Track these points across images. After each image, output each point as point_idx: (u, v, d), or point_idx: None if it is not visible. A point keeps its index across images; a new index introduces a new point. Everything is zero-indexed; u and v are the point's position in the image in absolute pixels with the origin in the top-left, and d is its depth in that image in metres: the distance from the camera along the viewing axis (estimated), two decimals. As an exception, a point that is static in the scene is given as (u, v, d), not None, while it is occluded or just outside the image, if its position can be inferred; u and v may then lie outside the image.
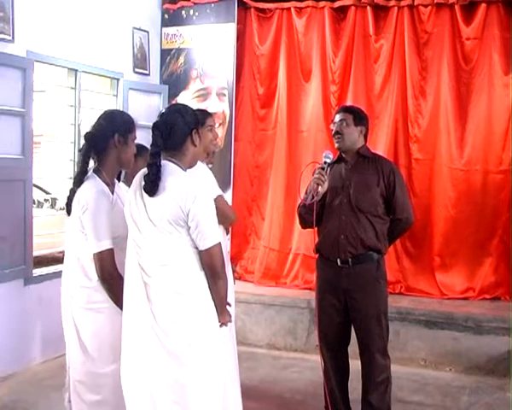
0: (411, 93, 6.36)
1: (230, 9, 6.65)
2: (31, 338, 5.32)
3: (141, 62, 6.64)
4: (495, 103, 6.12)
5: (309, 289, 6.09)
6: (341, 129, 3.91)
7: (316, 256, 4.05)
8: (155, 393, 2.74)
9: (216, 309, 2.79)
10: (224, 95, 6.70)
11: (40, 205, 8.30)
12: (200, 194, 2.70)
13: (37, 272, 5.41)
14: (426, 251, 6.35)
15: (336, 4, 6.52)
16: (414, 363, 5.51)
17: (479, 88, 6.17)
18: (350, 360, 4.04)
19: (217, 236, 2.73)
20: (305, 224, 4.02)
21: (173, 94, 6.82)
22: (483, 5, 6.09)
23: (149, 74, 6.78)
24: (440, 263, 6.29)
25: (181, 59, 6.88)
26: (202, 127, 3.56)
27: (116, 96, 6.33)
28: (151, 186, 2.69)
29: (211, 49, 6.73)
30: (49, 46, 5.43)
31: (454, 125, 6.26)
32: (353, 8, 6.47)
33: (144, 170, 2.77)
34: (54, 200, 8.31)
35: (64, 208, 3.22)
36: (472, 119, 6.22)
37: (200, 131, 2.90)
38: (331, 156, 3.88)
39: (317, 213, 3.79)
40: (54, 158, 7.87)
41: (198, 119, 2.92)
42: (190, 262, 2.72)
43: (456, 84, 6.24)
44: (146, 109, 6.46)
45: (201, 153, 3.24)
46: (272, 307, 6.09)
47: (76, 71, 5.79)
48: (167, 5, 6.92)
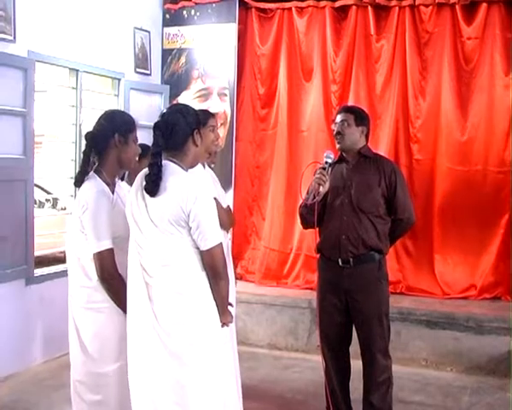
0: (412, 93, 6.36)
1: (232, 9, 6.64)
2: (32, 338, 5.31)
3: (142, 62, 6.63)
4: (496, 103, 6.11)
5: (310, 289, 6.08)
6: (342, 129, 3.89)
7: (317, 256, 4.04)
8: (156, 394, 2.74)
9: (217, 309, 2.79)
10: (226, 95, 6.70)
11: (41, 205, 8.29)
12: (201, 194, 2.69)
13: (38, 272, 5.41)
14: (426, 251, 6.34)
15: (337, 4, 6.52)
16: (415, 363, 5.50)
17: (479, 88, 6.17)
18: (351, 360, 4.03)
19: (218, 236, 2.72)
20: (307, 224, 4.00)
21: (174, 94, 6.82)
22: (484, 5, 6.08)
23: (150, 74, 6.77)
24: (441, 262, 6.28)
25: (182, 59, 6.87)
26: (204, 128, 3.55)
27: (117, 96, 6.33)
28: (152, 186, 2.68)
29: (212, 49, 6.73)
30: (51, 46, 5.42)
31: (454, 125, 6.25)
32: (354, 7, 6.46)
33: (145, 170, 2.76)
34: (55, 200, 8.30)
35: (65, 208, 3.22)
36: (472, 119, 6.21)
37: (201, 131, 2.88)
38: (332, 156, 3.86)
39: (319, 213, 3.77)
40: (55, 158, 7.85)
41: (199, 119, 2.90)
42: (192, 263, 2.71)
43: (456, 84, 6.23)
44: (147, 109, 6.45)
45: (203, 153, 3.23)
46: (273, 307, 6.08)
47: (77, 71, 5.79)
48: (168, 5, 6.92)
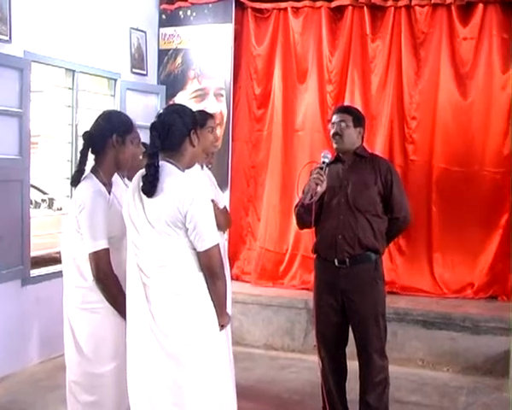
0: (407, 93, 6.36)
1: (228, 10, 6.64)
2: (28, 339, 5.30)
3: (138, 63, 6.62)
4: (493, 104, 6.11)
5: (306, 289, 6.06)
6: (341, 130, 3.88)
7: (313, 257, 4.04)
8: (154, 394, 2.73)
9: (215, 310, 2.78)
10: (222, 95, 6.70)
11: (37, 205, 8.27)
12: (197, 195, 2.69)
13: (34, 273, 5.39)
14: (420, 250, 6.34)
15: (333, 4, 6.52)
16: (412, 363, 5.49)
17: (476, 88, 6.17)
18: (347, 361, 4.02)
19: (215, 237, 2.72)
20: (303, 224, 4.00)
21: (171, 94, 6.81)
22: (480, 6, 6.09)
23: (147, 75, 6.76)
24: (437, 262, 6.27)
25: (178, 59, 6.87)
26: (203, 129, 3.58)
27: (113, 96, 6.32)
28: (149, 187, 2.67)
29: (208, 49, 6.73)
30: (47, 46, 5.41)
31: (451, 125, 6.25)
32: (350, 8, 6.46)
33: (142, 171, 2.76)
34: (51, 200, 8.28)
35: (61, 209, 3.21)
36: (469, 119, 6.20)
37: (198, 131, 2.87)
38: (329, 156, 3.85)
39: (316, 213, 3.78)
40: (51, 158, 7.84)
41: (196, 119, 2.90)
42: (189, 263, 2.71)
43: (453, 84, 6.23)
44: (143, 110, 6.44)
45: (200, 153, 3.22)
46: (269, 308, 6.07)
47: (73, 71, 5.78)
48: (165, 5, 6.91)
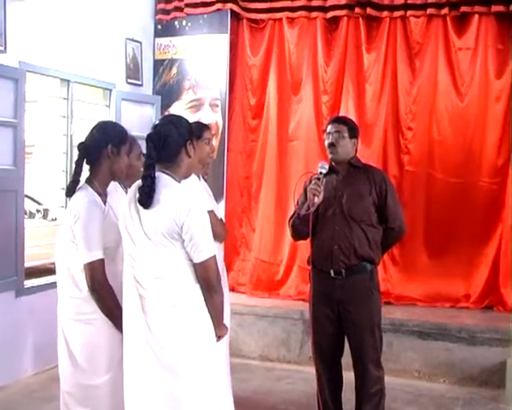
0: (403, 104, 6.38)
1: (223, 20, 6.66)
2: (22, 350, 5.27)
3: (133, 73, 6.63)
4: (489, 114, 6.13)
5: (302, 300, 6.05)
6: (337, 141, 3.91)
7: (309, 268, 4.03)
8: (150, 407, 2.72)
9: (212, 322, 2.78)
10: (217, 106, 6.71)
11: (32, 216, 8.25)
12: (194, 206, 2.69)
13: (28, 284, 5.37)
14: (415, 260, 6.34)
15: (329, 15, 6.54)
16: (407, 374, 5.48)
17: (472, 98, 6.18)
18: (343, 371, 4.02)
19: (211, 248, 2.72)
20: (299, 235, 4.03)
21: (166, 105, 6.82)
22: (476, 17, 6.10)
23: (142, 85, 6.77)
24: (431, 272, 6.26)
25: (174, 69, 6.88)
26: (199, 140, 3.59)
27: (109, 106, 6.32)
28: (145, 198, 2.68)
29: (204, 59, 6.74)
30: (42, 57, 5.41)
31: (447, 136, 6.26)
32: (346, 18, 6.49)
33: (139, 182, 2.76)
34: (46, 211, 8.27)
35: (56, 219, 3.22)
36: (466, 129, 6.22)
37: (194, 142, 2.88)
38: (327, 167, 3.86)
39: (313, 223, 3.78)
40: (46, 169, 7.84)
41: (192, 130, 2.91)
42: (185, 275, 2.71)
43: (449, 94, 6.25)
44: (138, 120, 6.45)
45: (197, 164, 3.23)
46: (265, 319, 6.06)
47: (68, 81, 5.77)
48: (160, 16, 6.93)
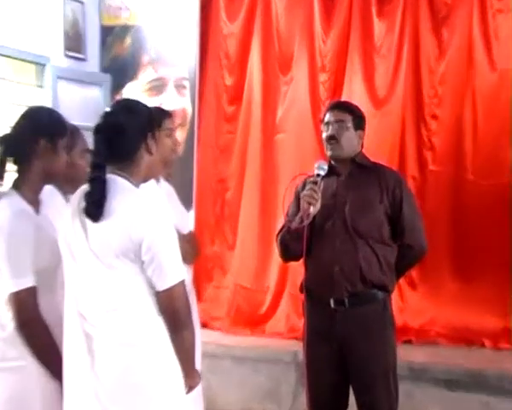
0: (427, 84, 6.39)
1: (192, -25, 6.70)
2: None
3: (74, 43, 6.63)
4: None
5: (295, 338, 6.05)
6: (339, 133, 3.93)
7: (302, 297, 4.07)
8: None
9: (181, 368, 2.79)
10: (185, 87, 6.75)
11: None
12: (157, 218, 2.71)
13: None
14: (440, 284, 6.34)
15: (329, -30, 6.59)
16: (431, 435, 5.50)
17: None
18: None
19: (179, 272, 2.73)
20: (289, 254, 4.08)
21: (118, 85, 6.86)
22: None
23: (85, 59, 6.79)
24: (462, 301, 6.24)
25: (127, 39, 6.90)
26: (159, 131, 3.59)
27: (42, 87, 6.32)
28: (94, 209, 2.67)
29: (167, 26, 6.77)
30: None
31: (483, 126, 6.24)
32: (351, -25, 6.55)
33: (84, 187, 2.76)
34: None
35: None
36: (507, 119, 6.12)
37: (157, 134, 2.91)
38: (326, 167, 3.88)
39: (307, 239, 3.81)
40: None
41: (154, 119, 2.93)
42: (145, 307, 2.72)
43: (487, 72, 6.22)
44: (81, 105, 6.46)
45: (159, 164, 3.25)
46: (247, 363, 6.08)
47: (-13, 55, 5.78)
48: (109, -33, 6.95)
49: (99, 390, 2.71)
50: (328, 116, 4.01)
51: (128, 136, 2.79)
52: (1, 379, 2.98)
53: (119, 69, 6.91)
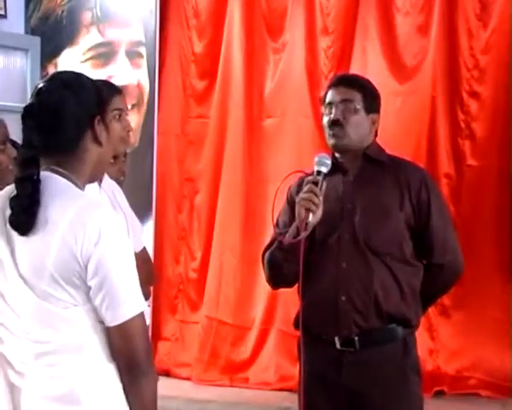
0: (466, 52, 6.46)
1: None
2: None
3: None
4: None
5: (288, 389, 6.11)
6: (345, 116, 3.89)
7: (298, 334, 4.00)
8: None
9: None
10: (141, 55, 6.79)
11: None
12: (108, 229, 2.66)
13: None
14: (484, 314, 6.38)
15: None
16: None
17: None
18: None
19: (137, 302, 2.70)
20: (280, 279, 4.03)
21: (50, 52, 6.90)
22: None
23: (6, 16, 6.78)
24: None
25: (64, -9, 6.93)
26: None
27: None
28: (23, 217, 2.64)
29: (116, -26, 6.82)
30: None
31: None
32: None
33: (10, 189, 2.74)
34: None
35: None
36: None
37: (107, 118, 2.91)
38: (329, 162, 3.82)
39: (304, 258, 3.75)
40: None
41: (103, 97, 2.94)
42: (91, 349, 2.69)
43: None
44: (3, 79, 6.46)
45: (109, 157, 3.27)
46: (225, 424, 6.13)
47: None
48: None
49: None
50: (330, 95, 3.97)
51: (67, 121, 2.76)
52: None
53: (52, 31, 6.93)
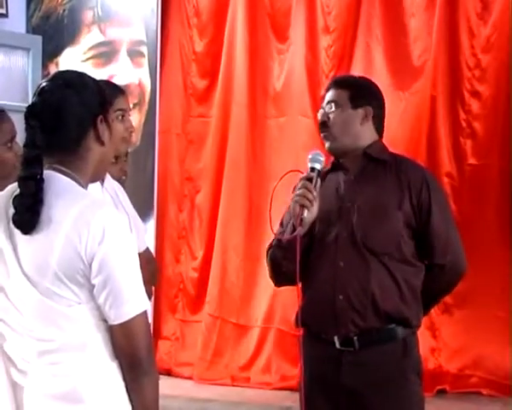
0: (467, 50, 6.46)
1: None
2: None
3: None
4: None
5: (289, 389, 6.11)
6: (329, 117, 3.92)
7: (299, 333, 4.05)
8: None
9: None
10: (142, 55, 6.81)
11: None
12: (112, 228, 2.68)
13: None
14: (486, 313, 6.38)
15: None
16: None
17: None
18: None
19: (141, 300, 2.72)
20: (281, 276, 4.03)
21: (52, 51, 6.91)
22: None
23: (7, 15, 6.80)
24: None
25: (65, -10, 6.94)
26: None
27: None
28: (26, 216, 2.65)
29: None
30: None
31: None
32: None
33: (12, 187, 2.77)
34: None
35: None
36: None
37: (110, 118, 2.92)
38: (322, 159, 3.83)
39: (302, 256, 3.75)
40: None
41: (105, 97, 2.94)
42: (95, 347, 2.71)
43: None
44: (4, 78, 6.47)
45: (111, 156, 3.27)
46: (227, 423, 6.15)
47: None
48: None
49: None
50: (327, 94, 4.01)
51: (71, 120, 2.77)
52: None
53: (53, 30, 6.95)
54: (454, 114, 6.52)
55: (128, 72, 6.77)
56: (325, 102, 3.93)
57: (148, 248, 4.08)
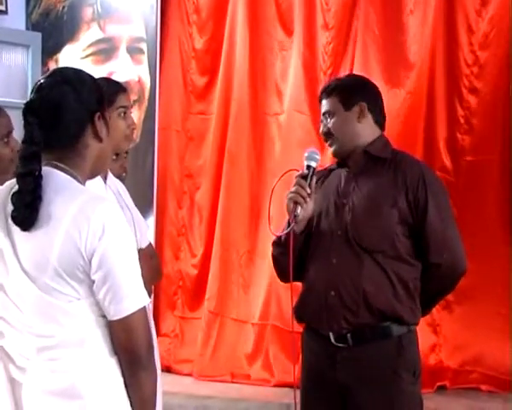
0: (465, 47, 6.45)
1: None
2: None
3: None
4: None
5: (289, 385, 6.07)
6: (329, 128, 3.96)
7: (300, 329, 4.09)
8: None
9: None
10: (142, 51, 6.81)
11: None
12: (112, 223, 2.70)
13: None
14: (486, 309, 6.37)
15: None
16: None
17: None
18: None
19: (140, 296, 2.73)
20: (282, 273, 4.03)
21: (51, 48, 6.91)
22: None
23: (6, 12, 6.79)
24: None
25: (64, -13, 6.94)
26: (110, 109, 3.60)
27: None
28: (25, 213, 2.67)
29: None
30: None
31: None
32: None
33: (11, 184, 2.79)
34: None
35: None
36: None
37: (107, 115, 2.94)
38: (318, 157, 3.89)
39: (299, 252, 3.83)
40: None
41: (103, 94, 2.95)
42: (94, 343, 2.73)
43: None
44: (4, 76, 6.47)
45: (110, 153, 3.26)
46: (226, 419, 6.14)
47: None
48: None
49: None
50: (321, 105, 4.05)
51: (69, 116, 2.79)
52: None
53: (53, 27, 6.95)
54: (452, 111, 6.52)
55: (128, 69, 6.79)
56: (322, 115, 4.00)
57: (151, 243, 4.09)
